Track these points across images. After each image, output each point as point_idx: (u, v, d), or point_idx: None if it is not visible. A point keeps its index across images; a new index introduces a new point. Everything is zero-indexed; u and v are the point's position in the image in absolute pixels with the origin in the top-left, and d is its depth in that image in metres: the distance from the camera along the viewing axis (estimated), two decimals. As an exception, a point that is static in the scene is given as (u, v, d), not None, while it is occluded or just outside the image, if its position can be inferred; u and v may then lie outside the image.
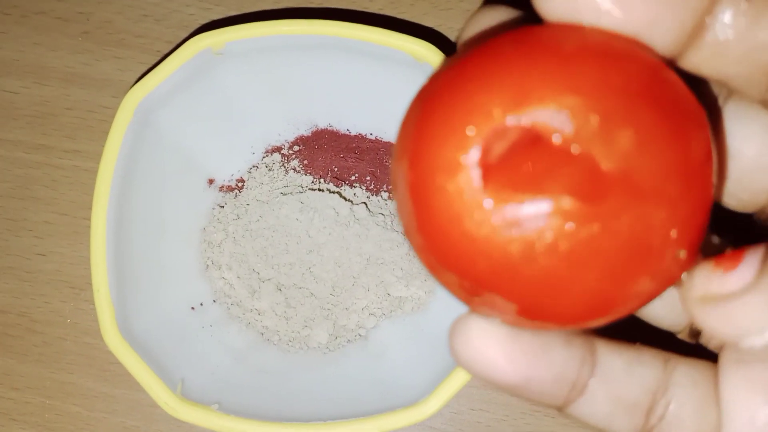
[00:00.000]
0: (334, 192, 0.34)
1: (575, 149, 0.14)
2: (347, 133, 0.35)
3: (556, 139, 0.14)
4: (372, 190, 0.35)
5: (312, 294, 0.34)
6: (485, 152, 0.14)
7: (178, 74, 0.30)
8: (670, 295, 0.17)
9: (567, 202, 0.14)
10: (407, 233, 0.16)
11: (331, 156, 0.35)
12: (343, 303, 0.34)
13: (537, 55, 0.15)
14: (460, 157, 0.14)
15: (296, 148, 0.35)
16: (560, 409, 0.18)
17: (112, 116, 0.37)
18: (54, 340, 0.36)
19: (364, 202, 0.34)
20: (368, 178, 0.35)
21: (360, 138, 0.35)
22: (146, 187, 0.31)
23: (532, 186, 0.14)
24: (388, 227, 0.33)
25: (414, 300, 0.34)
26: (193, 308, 0.33)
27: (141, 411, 0.36)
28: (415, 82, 0.31)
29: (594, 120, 0.14)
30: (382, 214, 0.34)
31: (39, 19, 0.38)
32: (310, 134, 0.35)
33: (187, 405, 0.28)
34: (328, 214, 0.33)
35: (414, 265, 0.34)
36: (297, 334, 0.34)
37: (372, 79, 0.32)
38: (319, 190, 0.34)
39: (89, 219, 0.36)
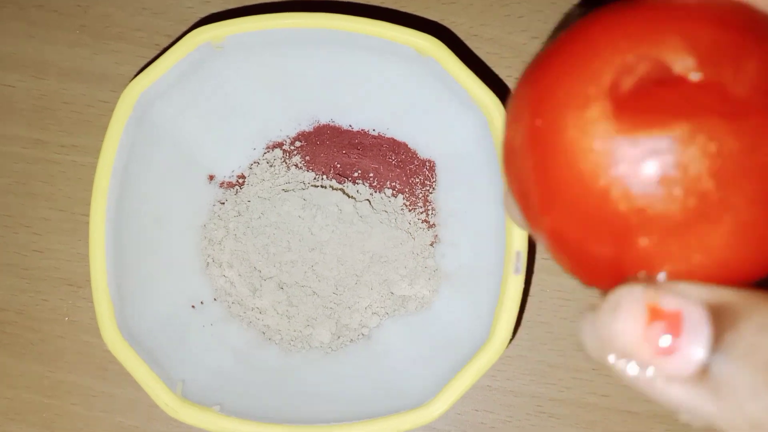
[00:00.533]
0: (337, 189, 0.33)
1: (704, 77, 0.13)
2: (349, 128, 0.34)
3: (683, 70, 0.14)
4: (375, 187, 0.34)
5: (314, 292, 0.33)
6: (616, 84, 0.14)
7: (177, 68, 0.29)
8: None
9: (710, 123, 0.13)
10: (529, 204, 0.15)
11: (333, 152, 0.34)
12: (345, 302, 0.33)
13: (654, 7, 0.14)
14: (590, 90, 0.14)
15: (298, 143, 0.35)
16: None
17: (111, 111, 0.37)
18: (52, 338, 0.36)
19: (368, 199, 0.33)
20: (371, 174, 0.34)
21: (362, 134, 0.34)
22: (145, 183, 0.31)
23: (669, 112, 0.13)
24: (392, 225, 0.33)
25: (418, 299, 0.33)
26: (193, 306, 0.33)
27: (140, 410, 0.35)
28: (419, 76, 0.30)
29: (719, 52, 0.14)
30: (386, 212, 0.33)
31: (36, 12, 0.37)
32: (311, 130, 0.35)
33: (188, 406, 0.27)
34: (331, 211, 0.32)
35: (418, 263, 0.33)
36: (299, 334, 0.33)
37: (374, 74, 0.32)
38: (322, 186, 0.33)
39: (87, 215, 0.36)
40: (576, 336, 0.35)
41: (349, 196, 0.33)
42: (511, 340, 0.28)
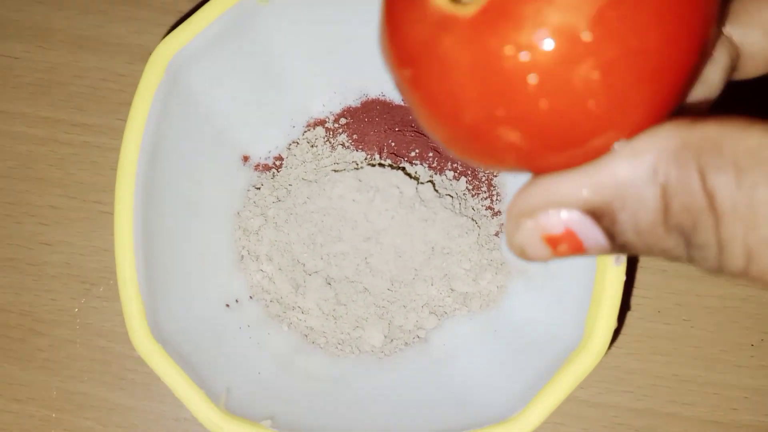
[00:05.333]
0: (396, 168, 0.29)
1: None
2: (402, 104, 0.30)
3: None
4: (435, 168, 0.30)
5: (366, 289, 0.29)
6: None
7: (214, 26, 0.25)
8: None
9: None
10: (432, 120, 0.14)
11: (384, 129, 0.30)
12: (401, 300, 0.29)
13: None
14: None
15: (343, 121, 0.30)
16: None
17: (128, 85, 0.32)
18: (62, 344, 0.31)
19: (430, 181, 0.29)
20: (431, 154, 0.30)
21: (417, 109, 0.30)
22: (176, 163, 0.26)
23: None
24: (457, 211, 0.29)
25: (483, 296, 0.29)
26: (228, 306, 0.28)
27: (163, 425, 0.31)
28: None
29: None
30: (450, 196, 0.29)
31: (43, -27, 0.33)
32: (359, 105, 0.31)
33: (235, 421, 0.23)
34: (391, 194, 0.28)
35: (483, 256, 0.29)
36: (347, 336, 0.29)
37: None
38: (380, 165, 0.29)
39: (102, 203, 0.32)
40: (654, 339, 0.31)
41: (411, 177, 0.29)
42: (612, 343, 0.24)
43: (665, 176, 0.13)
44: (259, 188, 0.30)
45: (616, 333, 0.30)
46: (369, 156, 0.30)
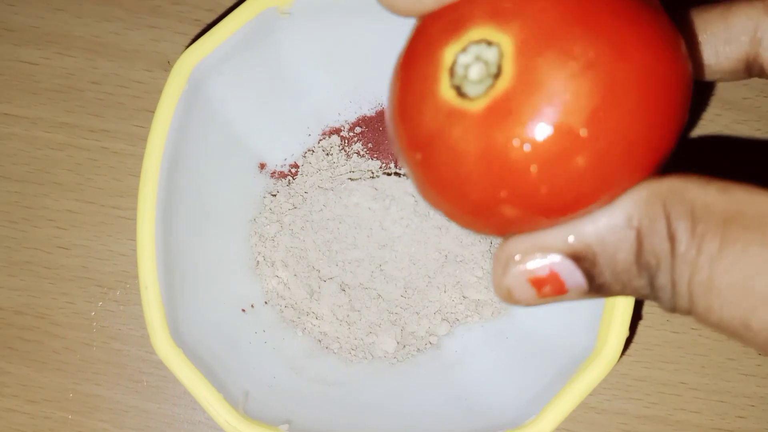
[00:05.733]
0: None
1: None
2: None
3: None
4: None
5: (379, 296, 0.29)
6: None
7: (236, 36, 0.25)
8: None
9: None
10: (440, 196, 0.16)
11: (398, 139, 0.31)
12: (413, 306, 0.29)
13: None
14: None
15: (358, 129, 0.31)
16: None
17: (146, 92, 0.33)
18: (78, 346, 0.31)
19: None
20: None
21: (431, 119, 0.31)
22: (196, 171, 0.27)
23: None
24: (470, 219, 0.29)
25: (495, 304, 0.30)
26: (243, 311, 0.29)
27: (177, 428, 0.31)
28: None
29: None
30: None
31: (63, -19, 0.33)
32: (374, 114, 0.31)
33: (254, 426, 0.23)
34: (407, 203, 0.28)
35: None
36: (360, 342, 0.29)
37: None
38: (396, 174, 0.29)
39: (119, 208, 0.32)
40: (662, 347, 0.31)
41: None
42: (624, 351, 0.24)
43: (639, 220, 0.15)
44: (275, 195, 0.30)
45: (627, 342, 0.31)
46: (384, 165, 0.30)
